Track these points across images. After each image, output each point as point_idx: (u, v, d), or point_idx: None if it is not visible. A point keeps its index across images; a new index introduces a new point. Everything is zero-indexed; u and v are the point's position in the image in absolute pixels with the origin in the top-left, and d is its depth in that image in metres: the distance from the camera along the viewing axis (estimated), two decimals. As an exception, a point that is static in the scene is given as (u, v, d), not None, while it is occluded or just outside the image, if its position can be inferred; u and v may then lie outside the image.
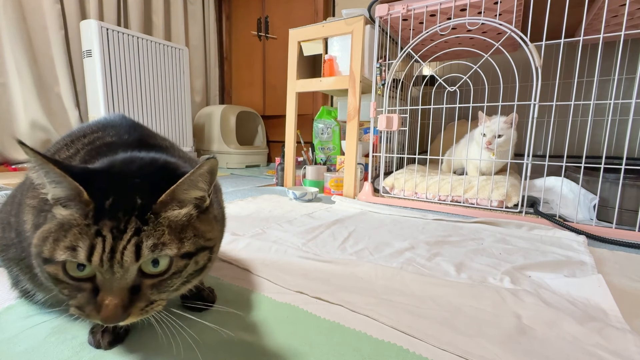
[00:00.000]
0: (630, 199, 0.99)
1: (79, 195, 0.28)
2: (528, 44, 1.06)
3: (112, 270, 0.27)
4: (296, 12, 2.58)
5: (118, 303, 0.27)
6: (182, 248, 0.30)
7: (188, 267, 0.31)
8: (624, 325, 0.48)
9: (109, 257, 0.27)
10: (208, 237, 0.33)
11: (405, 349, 0.42)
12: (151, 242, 0.28)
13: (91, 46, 1.81)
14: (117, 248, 0.27)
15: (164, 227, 0.29)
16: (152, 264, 0.29)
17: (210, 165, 0.31)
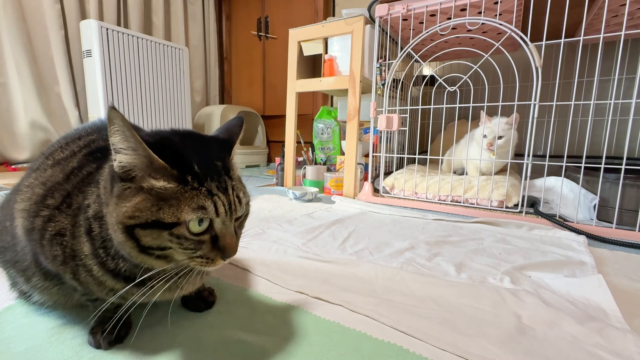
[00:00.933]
0: (630, 199, 0.99)
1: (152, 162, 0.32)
2: (528, 44, 1.06)
3: (231, 218, 0.35)
4: (296, 12, 2.58)
5: (236, 240, 0.36)
6: (248, 195, 0.38)
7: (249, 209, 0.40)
8: (624, 325, 0.48)
9: (228, 208, 0.34)
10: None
11: (405, 349, 0.42)
12: (242, 192, 0.36)
13: (91, 46, 1.81)
14: (231, 201, 0.34)
15: (238, 181, 0.37)
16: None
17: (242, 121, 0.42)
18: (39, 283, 0.41)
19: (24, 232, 0.39)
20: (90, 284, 0.37)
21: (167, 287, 0.38)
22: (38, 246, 0.38)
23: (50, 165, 0.42)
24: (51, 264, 0.38)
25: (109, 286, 0.37)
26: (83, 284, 0.38)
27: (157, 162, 0.31)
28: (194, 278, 0.39)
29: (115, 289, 0.37)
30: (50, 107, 1.97)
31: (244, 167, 2.58)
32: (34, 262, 0.40)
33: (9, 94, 1.83)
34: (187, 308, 0.50)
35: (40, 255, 0.38)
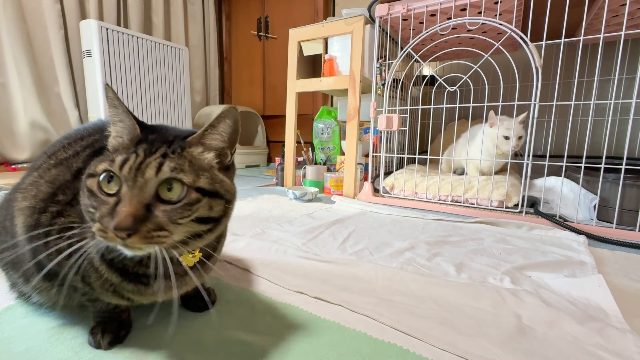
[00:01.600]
0: (630, 199, 0.99)
1: (134, 130, 0.35)
2: (528, 44, 1.06)
3: (135, 180, 0.31)
4: (296, 12, 2.58)
5: (132, 211, 0.29)
6: (197, 181, 0.32)
7: (200, 205, 0.32)
8: (624, 325, 0.48)
9: (135, 168, 0.31)
10: (225, 187, 0.35)
11: (406, 349, 0.42)
12: (172, 164, 0.32)
13: (91, 46, 1.80)
14: (144, 163, 0.31)
15: (186, 160, 0.33)
16: (167, 189, 0.31)
17: (233, 116, 0.35)
18: (38, 284, 0.41)
19: (26, 229, 0.39)
20: (92, 277, 0.37)
21: (166, 287, 0.38)
22: (41, 245, 0.38)
23: (53, 164, 0.42)
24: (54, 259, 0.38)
25: (107, 278, 0.37)
26: (84, 278, 0.38)
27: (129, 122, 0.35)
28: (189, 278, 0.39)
29: (112, 281, 0.37)
30: (50, 107, 1.97)
31: (244, 167, 2.58)
32: (34, 263, 0.40)
33: (8, 94, 1.83)
34: (187, 308, 0.50)
35: (41, 253, 0.38)
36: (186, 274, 0.39)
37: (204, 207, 0.33)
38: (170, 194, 0.31)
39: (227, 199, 0.35)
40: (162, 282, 0.38)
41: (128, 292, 0.38)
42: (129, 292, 0.38)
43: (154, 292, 0.38)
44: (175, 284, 0.38)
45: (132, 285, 0.37)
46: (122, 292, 0.38)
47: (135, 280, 0.37)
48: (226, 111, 0.34)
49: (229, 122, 0.35)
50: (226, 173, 0.37)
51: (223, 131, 0.36)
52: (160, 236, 0.30)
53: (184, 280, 0.40)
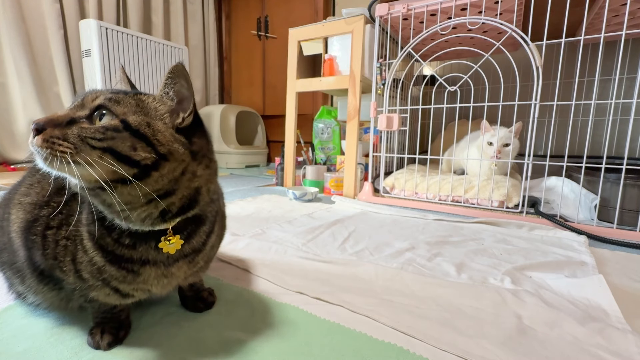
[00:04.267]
0: (631, 199, 0.99)
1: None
2: (529, 44, 1.05)
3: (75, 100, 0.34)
4: (296, 11, 2.57)
5: (53, 116, 0.31)
6: (126, 115, 0.33)
7: (118, 136, 0.32)
8: (625, 325, 0.47)
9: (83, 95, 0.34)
10: (159, 138, 0.34)
11: (406, 350, 0.42)
12: (111, 96, 0.34)
13: (90, 46, 1.80)
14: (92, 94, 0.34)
15: (132, 100, 0.35)
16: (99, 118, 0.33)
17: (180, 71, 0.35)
18: (33, 284, 0.41)
19: (24, 225, 0.39)
20: (83, 262, 0.37)
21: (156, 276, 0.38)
22: (39, 237, 0.38)
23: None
24: (51, 253, 0.38)
25: (94, 261, 0.36)
26: (78, 270, 0.37)
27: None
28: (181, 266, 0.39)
29: (98, 263, 0.36)
30: (50, 107, 1.97)
31: (244, 167, 2.58)
32: (27, 262, 0.40)
33: (8, 93, 1.83)
34: (187, 308, 0.50)
35: (37, 251, 0.38)
36: (171, 264, 0.38)
37: (123, 141, 0.32)
38: (99, 122, 0.33)
39: (159, 151, 0.33)
40: (150, 270, 0.37)
41: (115, 281, 0.37)
42: (115, 280, 0.37)
43: (145, 281, 0.38)
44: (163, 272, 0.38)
45: (116, 270, 0.36)
46: (110, 280, 0.37)
47: (118, 264, 0.36)
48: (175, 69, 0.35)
49: (182, 83, 0.36)
50: (176, 135, 0.35)
51: (173, 90, 0.36)
52: (61, 145, 0.30)
53: (170, 271, 0.39)
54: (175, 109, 0.36)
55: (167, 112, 0.36)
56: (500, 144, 1.22)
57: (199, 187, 0.38)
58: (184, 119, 0.36)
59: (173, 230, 0.37)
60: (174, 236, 0.37)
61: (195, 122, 0.38)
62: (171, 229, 0.37)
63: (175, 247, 0.37)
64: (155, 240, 0.37)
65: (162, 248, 0.37)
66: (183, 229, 0.38)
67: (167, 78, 0.35)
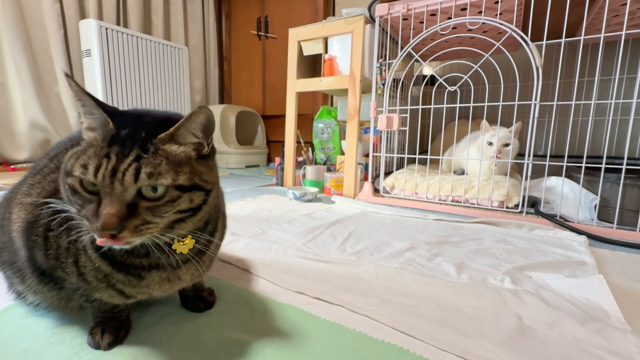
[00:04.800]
0: (631, 199, 0.99)
1: (106, 125, 0.33)
2: (529, 44, 1.05)
3: (112, 187, 0.31)
4: (296, 11, 2.57)
5: (115, 213, 0.30)
6: (176, 180, 0.33)
7: (181, 200, 0.33)
8: (625, 325, 0.47)
9: (109, 175, 0.31)
10: (204, 178, 0.36)
11: (406, 350, 0.42)
12: (149, 169, 0.32)
13: (90, 46, 1.80)
14: (118, 169, 0.31)
15: (163, 159, 0.33)
16: (151, 189, 0.32)
17: (205, 113, 0.34)
18: (33, 284, 0.41)
19: (25, 225, 0.39)
20: (86, 266, 0.37)
21: (160, 280, 0.38)
22: (40, 238, 0.38)
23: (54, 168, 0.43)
24: (53, 253, 0.38)
25: (99, 267, 0.37)
26: (79, 269, 0.37)
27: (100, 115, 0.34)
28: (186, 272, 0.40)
29: (104, 271, 0.37)
30: (50, 107, 1.97)
31: (244, 167, 2.58)
32: (28, 262, 0.40)
33: (8, 93, 1.83)
34: (187, 308, 0.50)
35: (39, 251, 0.38)
36: (179, 266, 0.39)
37: (185, 201, 0.34)
38: (154, 194, 0.32)
39: (206, 189, 0.36)
40: (155, 274, 0.38)
41: (120, 284, 0.37)
42: (121, 283, 0.37)
43: (148, 285, 0.38)
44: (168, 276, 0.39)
45: (123, 276, 0.37)
46: (115, 283, 0.37)
47: (126, 271, 0.37)
48: (198, 110, 0.34)
49: (202, 118, 0.35)
50: (205, 161, 0.37)
51: (196, 128, 0.35)
52: (148, 228, 0.32)
53: (177, 274, 0.39)
54: (201, 142, 0.36)
55: (194, 150, 0.36)
56: (500, 144, 1.22)
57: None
58: (208, 145, 0.37)
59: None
60: (186, 237, 0.38)
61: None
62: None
63: (188, 247, 0.38)
64: (168, 245, 0.37)
65: (174, 250, 0.37)
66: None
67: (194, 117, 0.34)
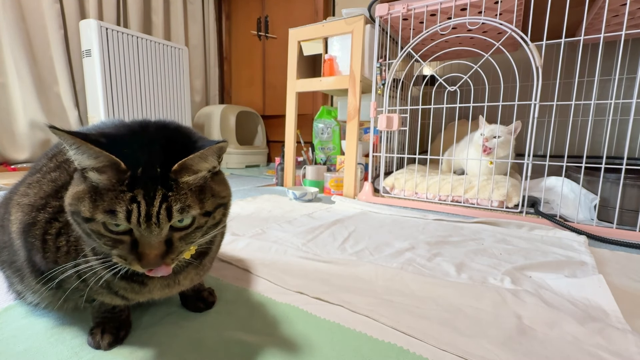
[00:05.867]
0: (630, 199, 0.99)
1: (117, 166, 0.31)
2: (528, 44, 1.05)
3: (150, 230, 0.32)
4: (296, 11, 2.57)
5: (157, 253, 0.32)
6: (203, 208, 0.34)
7: (208, 222, 0.36)
8: (624, 325, 0.48)
9: (145, 220, 0.31)
10: (222, 195, 0.37)
11: (406, 350, 0.42)
12: (179, 205, 0.32)
13: (90, 46, 1.80)
14: (151, 212, 0.31)
15: (186, 191, 0.33)
16: (179, 221, 0.33)
17: (220, 145, 0.35)
18: (31, 284, 0.41)
19: (23, 227, 0.39)
20: (87, 272, 0.37)
21: (161, 286, 0.38)
22: (38, 241, 0.38)
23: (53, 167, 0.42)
24: (52, 257, 0.38)
25: (107, 280, 0.37)
26: (83, 279, 0.37)
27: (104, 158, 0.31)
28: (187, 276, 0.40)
29: (107, 279, 0.37)
30: (50, 107, 1.97)
31: (244, 167, 2.58)
32: (27, 261, 0.40)
33: (8, 93, 1.83)
34: (187, 308, 0.50)
35: (37, 252, 0.38)
36: (180, 271, 0.39)
37: (210, 221, 0.36)
38: (182, 224, 0.34)
39: (224, 203, 0.38)
40: (157, 280, 0.38)
41: (123, 291, 0.38)
42: (124, 290, 0.38)
43: (151, 290, 0.38)
44: (169, 282, 0.39)
45: (126, 283, 0.37)
46: (117, 289, 0.38)
47: (129, 279, 0.37)
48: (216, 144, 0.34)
49: (216, 148, 0.35)
50: (218, 177, 0.38)
51: (211, 156, 0.35)
52: (182, 254, 0.35)
53: (177, 279, 0.39)
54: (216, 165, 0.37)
55: (207, 172, 0.36)
56: (490, 135, 1.24)
57: None
58: (219, 161, 0.38)
59: None
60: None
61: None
62: None
63: (190, 252, 0.38)
64: None
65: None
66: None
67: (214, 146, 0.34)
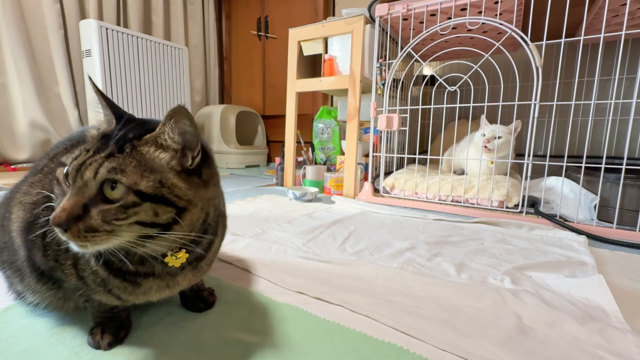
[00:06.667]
0: (630, 199, 0.99)
1: (110, 124, 0.35)
2: (528, 44, 1.05)
3: (74, 179, 0.31)
4: (296, 11, 2.57)
5: (66, 209, 0.30)
6: (138, 183, 0.31)
7: (140, 210, 0.31)
8: (624, 325, 0.48)
9: (76, 169, 0.31)
10: (176, 193, 0.33)
11: (406, 350, 0.42)
12: (112, 165, 0.31)
13: (90, 46, 1.80)
14: (85, 163, 0.31)
15: (134, 160, 0.32)
16: (111, 188, 0.31)
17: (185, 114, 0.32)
18: (31, 284, 0.41)
19: (24, 225, 0.39)
20: (85, 269, 0.37)
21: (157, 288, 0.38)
22: (39, 238, 0.38)
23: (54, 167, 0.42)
24: (52, 256, 0.38)
25: (96, 270, 0.37)
26: (81, 276, 0.37)
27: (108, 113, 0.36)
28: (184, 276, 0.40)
29: (101, 275, 0.37)
30: (50, 107, 1.97)
31: (244, 167, 2.58)
32: (27, 261, 0.40)
33: (8, 93, 1.83)
34: (187, 308, 0.50)
35: (38, 251, 0.38)
36: (177, 274, 0.39)
37: (146, 211, 0.31)
38: (113, 193, 0.31)
39: (178, 206, 0.33)
40: (151, 282, 0.38)
41: (117, 290, 0.37)
42: (118, 289, 0.37)
43: (145, 292, 0.38)
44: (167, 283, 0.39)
45: (119, 282, 0.37)
46: (112, 289, 0.37)
47: (122, 277, 0.37)
48: (177, 111, 0.32)
49: (186, 123, 0.33)
50: (189, 176, 0.34)
51: (177, 132, 0.33)
52: (95, 237, 0.30)
53: (175, 281, 0.39)
54: (183, 151, 0.34)
55: (173, 159, 0.34)
56: (491, 135, 1.24)
57: (208, 211, 0.39)
58: (194, 159, 0.35)
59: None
60: (180, 251, 0.37)
61: (203, 153, 0.36)
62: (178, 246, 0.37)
63: (181, 261, 0.37)
64: (162, 255, 0.37)
65: (168, 262, 0.37)
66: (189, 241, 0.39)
67: (168, 120, 0.33)
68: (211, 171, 0.38)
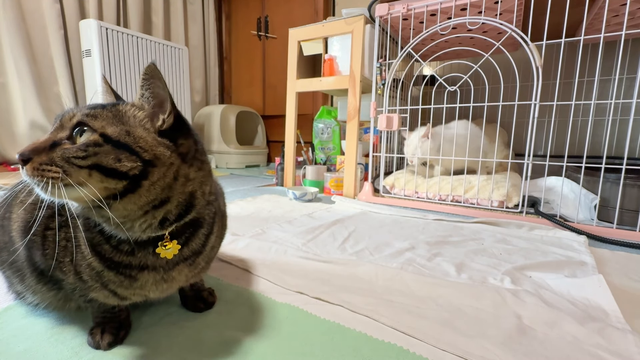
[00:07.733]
0: (630, 199, 0.99)
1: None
2: (529, 44, 1.05)
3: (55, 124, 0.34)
4: (296, 11, 2.57)
5: (35, 144, 0.31)
6: (105, 128, 0.33)
7: (101, 150, 0.31)
8: (624, 325, 0.47)
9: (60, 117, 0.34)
10: (141, 144, 0.33)
11: (406, 350, 0.42)
12: (88, 111, 0.33)
13: (90, 46, 1.80)
14: (70, 112, 0.34)
15: (109, 113, 0.34)
16: (80, 135, 0.32)
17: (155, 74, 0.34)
18: (31, 284, 0.41)
19: (25, 224, 0.39)
20: (82, 265, 0.37)
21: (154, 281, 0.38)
22: (39, 237, 0.38)
23: None
24: (51, 254, 0.38)
25: (92, 264, 0.37)
26: (78, 272, 0.37)
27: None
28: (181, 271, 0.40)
29: (96, 268, 0.37)
30: (50, 106, 1.97)
31: (244, 167, 2.58)
32: (27, 261, 0.40)
33: (8, 93, 1.83)
34: (187, 308, 0.50)
35: (37, 250, 0.38)
36: (170, 268, 0.38)
37: (107, 154, 0.31)
38: (80, 138, 0.32)
39: (144, 158, 0.33)
40: (147, 275, 0.37)
41: (114, 285, 0.37)
42: (114, 284, 0.37)
43: (142, 286, 0.38)
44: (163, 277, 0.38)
45: (114, 275, 0.37)
46: (108, 283, 0.37)
47: (116, 270, 0.37)
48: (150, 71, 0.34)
49: (158, 84, 0.35)
50: (159, 138, 0.35)
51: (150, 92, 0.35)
52: (51, 171, 0.30)
53: (171, 276, 0.39)
54: (155, 112, 0.36)
55: (146, 117, 0.35)
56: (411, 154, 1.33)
57: (193, 192, 0.37)
58: (164, 120, 0.35)
59: (170, 235, 0.37)
60: (170, 241, 0.37)
61: (179, 123, 0.37)
62: (168, 235, 0.37)
63: (172, 252, 0.37)
64: (153, 246, 0.37)
65: (160, 253, 0.37)
66: (181, 233, 0.38)
67: (142, 81, 0.35)
68: (188, 143, 0.37)
